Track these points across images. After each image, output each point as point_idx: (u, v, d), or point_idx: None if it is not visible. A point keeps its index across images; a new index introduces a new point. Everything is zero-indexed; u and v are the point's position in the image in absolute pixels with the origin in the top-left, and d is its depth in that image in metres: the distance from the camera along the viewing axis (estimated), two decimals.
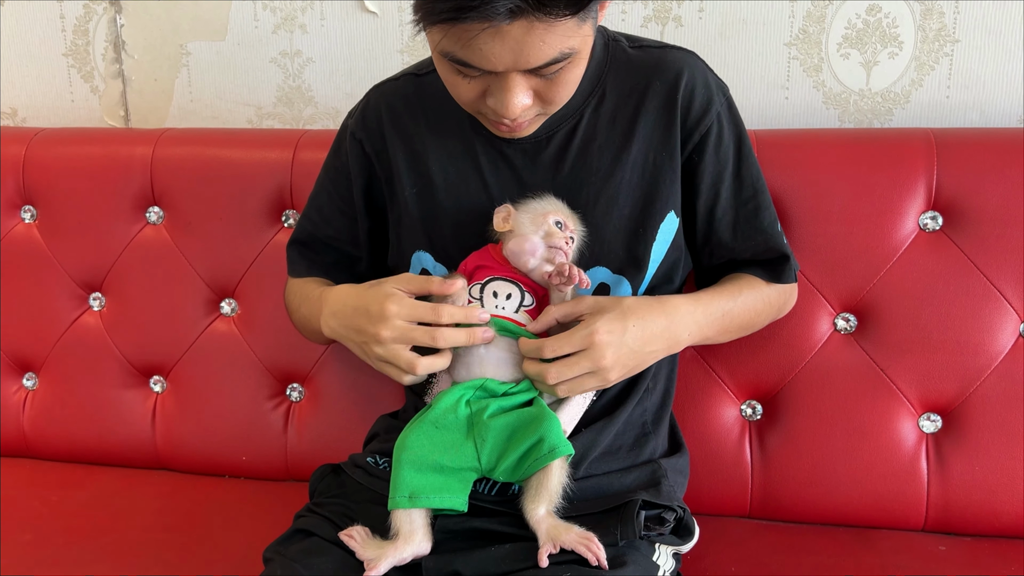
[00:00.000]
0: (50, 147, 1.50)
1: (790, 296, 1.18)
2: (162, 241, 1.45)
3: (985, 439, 1.20)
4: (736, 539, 1.22)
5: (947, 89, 1.39)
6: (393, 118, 1.10)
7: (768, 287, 1.12)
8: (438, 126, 1.08)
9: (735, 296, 1.08)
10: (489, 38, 0.84)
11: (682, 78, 1.04)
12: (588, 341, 0.94)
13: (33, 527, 1.27)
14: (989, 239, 1.21)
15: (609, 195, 1.04)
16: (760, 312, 1.12)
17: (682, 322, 1.02)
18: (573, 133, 1.05)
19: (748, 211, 1.09)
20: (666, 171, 1.05)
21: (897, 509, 1.22)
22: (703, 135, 1.05)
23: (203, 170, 1.43)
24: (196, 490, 1.39)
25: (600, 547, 0.90)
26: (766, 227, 1.09)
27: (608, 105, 1.05)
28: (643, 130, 1.04)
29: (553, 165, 1.05)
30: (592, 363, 0.94)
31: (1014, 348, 1.20)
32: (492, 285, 0.98)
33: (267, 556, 0.99)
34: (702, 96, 1.05)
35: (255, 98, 1.63)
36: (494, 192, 1.05)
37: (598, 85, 1.06)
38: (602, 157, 1.04)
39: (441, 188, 1.07)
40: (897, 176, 1.23)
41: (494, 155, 1.06)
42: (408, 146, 1.09)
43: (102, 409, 1.47)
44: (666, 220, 1.05)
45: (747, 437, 1.27)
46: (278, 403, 1.42)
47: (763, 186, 1.10)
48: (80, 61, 1.69)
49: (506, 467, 0.93)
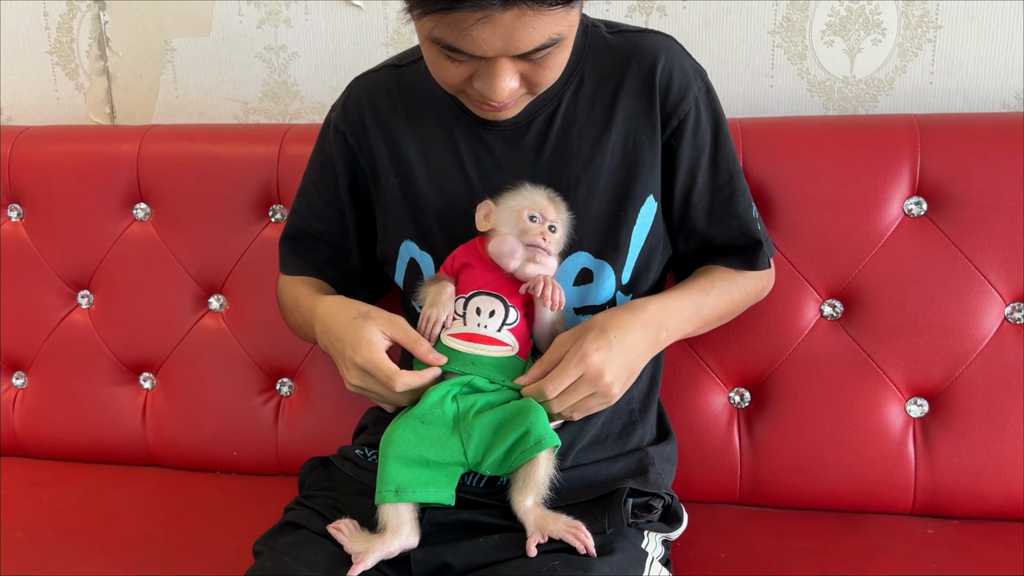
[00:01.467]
0: (36, 145, 1.50)
1: (768, 281, 1.18)
2: (149, 238, 1.45)
3: (971, 423, 1.21)
4: (725, 525, 1.22)
5: (930, 75, 1.40)
6: (374, 109, 1.11)
7: (742, 275, 1.12)
8: (419, 116, 1.09)
9: (707, 290, 1.09)
10: (481, 25, 0.84)
11: (659, 62, 1.04)
12: (583, 366, 0.95)
13: (25, 525, 1.27)
14: (973, 224, 1.21)
15: (590, 179, 1.04)
16: (736, 301, 1.13)
17: (656, 321, 1.02)
18: (552, 118, 1.05)
19: (723, 196, 1.09)
20: (646, 155, 1.05)
21: (885, 493, 1.23)
22: (681, 120, 1.05)
23: (190, 166, 1.43)
24: (187, 486, 1.39)
25: (588, 535, 0.91)
26: (741, 212, 1.09)
27: (587, 89, 1.06)
28: (622, 114, 1.05)
29: (533, 151, 1.05)
30: (592, 385, 0.95)
31: (999, 332, 1.21)
32: (476, 301, 0.98)
33: (257, 549, 0.99)
34: (680, 80, 1.05)
35: (241, 93, 1.63)
36: (474, 179, 1.06)
37: (576, 70, 1.06)
38: (582, 141, 1.05)
39: (423, 177, 1.07)
40: (881, 162, 1.23)
41: (474, 142, 1.06)
42: (389, 136, 1.09)
43: (92, 407, 1.47)
44: (645, 204, 1.05)
45: (735, 424, 1.28)
46: (268, 398, 1.42)
47: (739, 172, 1.10)
48: (64, 58, 1.68)
49: (493, 461, 0.93)
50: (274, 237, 1.39)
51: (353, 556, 0.92)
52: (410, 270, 1.09)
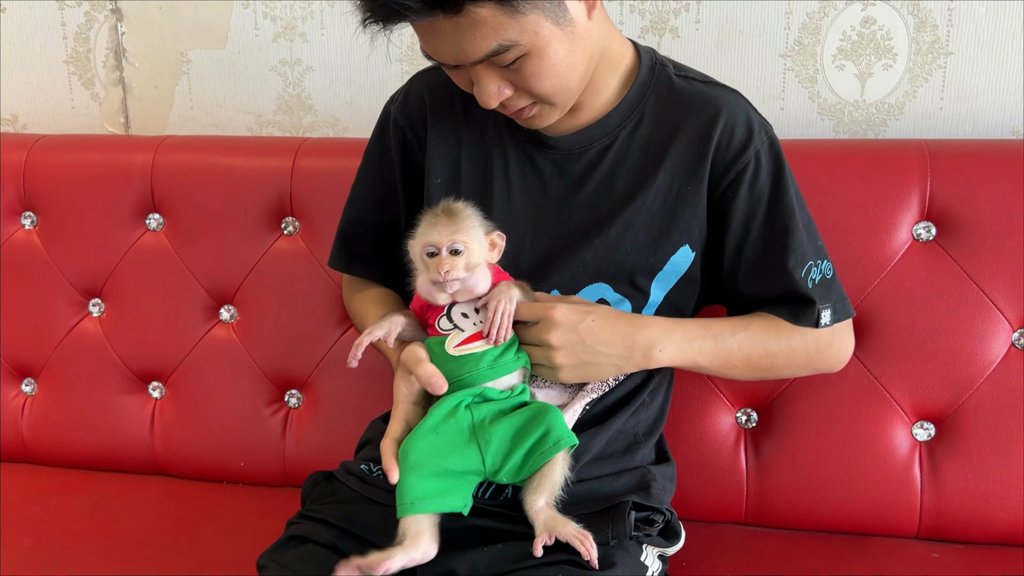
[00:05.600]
0: (50, 154, 1.51)
1: (829, 344, 1.10)
2: (162, 248, 1.46)
3: (978, 447, 1.21)
4: (731, 546, 1.22)
5: (940, 101, 1.41)
6: (435, 104, 1.11)
7: (792, 331, 1.06)
8: (476, 119, 1.09)
9: (738, 328, 1.05)
10: (428, 35, 0.90)
11: (721, 115, 1.04)
12: (543, 313, 0.96)
13: (32, 532, 1.27)
14: (982, 249, 1.22)
15: (627, 217, 1.04)
16: (776, 354, 1.06)
17: (650, 335, 1.00)
18: (606, 152, 1.05)
19: (776, 250, 1.05)
20: (688, 204, 1.04)
21: (891, 516, 1.23)
22: (739, 172, 1.04)
23: (203, 177, 1.44)
24: (194, 496, 1.39)
25: (594, 546, 0.92)
26: (790, 268, 1.04)
27: (644, 130, 1.06)
28: (672, 160, 1.04)
29: (580, 179, 1.06)
30: (540, 335, 0.96)
31: (1006, 357, 1.21)
32: (456, 308, 0.98)
33: (261, 563, 0.99)
34: (741, 135, 1.04)
35: (255, 106, 1.64)
36: (515, 195, 1.06)
37: (637, 108, 1.06)
38: (628, 180, 1.05)
39: (467, 182, 1.08)
40: (891, 187, 1.24)
41: (523, 159, 1.07)
42: (444, 134, 1.10)
43: (101, 415, 1.47)
44: (678, 252, 1.05)
45: (742, 445, 1.28)
46: (276, 409, 1.43)
47: (795, 226, 1.05)
48: (81, 68, 1.70)
49: (511, 467, 0.94)
50: (287, 249, 1.41)
51: (374, 565, 0.91)
52: None
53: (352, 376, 1.37)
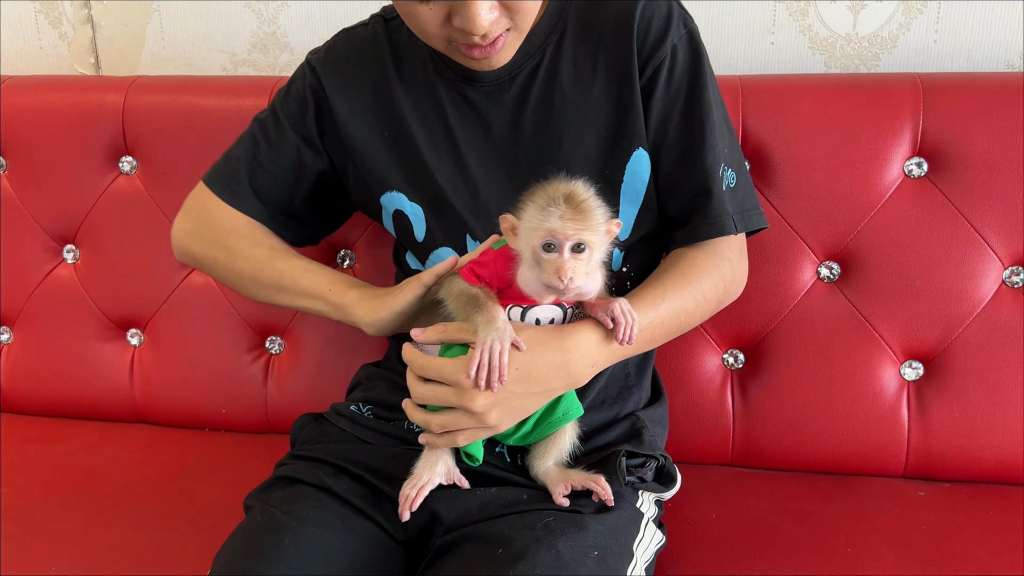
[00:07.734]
0: (18, 96, 1.46)
1: (732, 278, 1.05)
2: (136, 191, 1.42)
3: (966, 386, 1.20)
4: (718, 487, 1.22)
5: (935, 33, 1.37)
6: (362, 63, 1.08)
7: (703, 276, 1.00)
8: (406, 71, 1.07)
9: (656, 304, 0.96)
10: None
11: (638, 5, 1.00)
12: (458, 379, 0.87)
13: (10, 481, 1.26)
14: (974, 186, 1.20)
15: (572, 137, 1.01)
16: (692, 312, 1.01)
17: (578, 364, 0.90)
18: (535, 72, 1.02)
19: (693, 147, 1.00)
20: (628, 105, 1.00)
21: (877, 456, 1.23)
22: (656, 68, 0.99)
23: (177, 119, 1.39)
24: (175, 443, 1.38)
25: (607, 485, 0.93)
26: (707, 167, 0.99)
27: (569, 41, 1.02)
28: (603, 64, 1.01)
29: (516, 107, 1.03)
30: (459, 401, 0.88)
31: (996, 295, 1.20)
32: (533, 313, 0.90)
33: (248, 504, 0.98)
34: (658, 27, 1.00)
35: (229, 44, 1.59)
36: (459, 136, 1.04)
37: (560, 20, 1.03)
38: (564, 95, 1.01)
39: (418, 131, 1.05)
40: (883, 122, 1.21)
41: (457, 99, 1.04)
42: (378, 88, 1.07)
43: (79, 363, 1.45)
44: (633, 157, 1.01)
45: (729, 386, 1.27)
46: (258, 355, 1.41)
47: (712, 126, 1.00)
48: (47, 6, 1.63)
49: (521, 433, 0.95)
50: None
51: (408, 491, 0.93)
52: (398, 220, 1.08)
53: (334, 322, 1.35)
